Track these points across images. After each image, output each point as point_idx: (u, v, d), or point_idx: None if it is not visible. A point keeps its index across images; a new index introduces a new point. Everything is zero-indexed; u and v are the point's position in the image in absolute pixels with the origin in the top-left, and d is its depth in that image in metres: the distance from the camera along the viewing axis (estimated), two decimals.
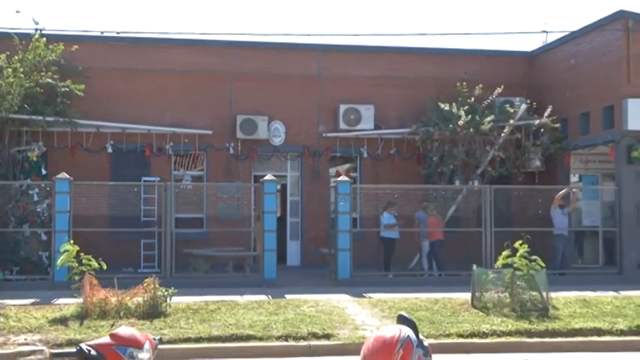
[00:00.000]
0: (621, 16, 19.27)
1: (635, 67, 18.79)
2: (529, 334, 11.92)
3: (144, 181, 19.83)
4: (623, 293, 15.71)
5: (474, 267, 14.68)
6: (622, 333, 12.15)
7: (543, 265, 13.77)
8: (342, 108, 21.56)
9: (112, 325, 10.97)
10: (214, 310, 13.21)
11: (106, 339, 4.38)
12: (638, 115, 18.68)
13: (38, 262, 18.18)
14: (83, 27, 58.94)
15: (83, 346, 4.36)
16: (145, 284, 13.01)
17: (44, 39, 19.22)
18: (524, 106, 20.67)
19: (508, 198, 19.24)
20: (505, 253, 13.87)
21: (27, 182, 18.75)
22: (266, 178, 18.29)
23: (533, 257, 13.62)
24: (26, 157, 19.23)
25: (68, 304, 13.24)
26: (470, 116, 20.17)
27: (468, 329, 11.99)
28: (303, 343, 11.30)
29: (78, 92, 19.37)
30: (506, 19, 63.50)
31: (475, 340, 11.61)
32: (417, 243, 19.53)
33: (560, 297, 14.31)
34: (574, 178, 22.03)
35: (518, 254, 13.55)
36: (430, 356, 3.56)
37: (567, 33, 21.97)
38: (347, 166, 22.44)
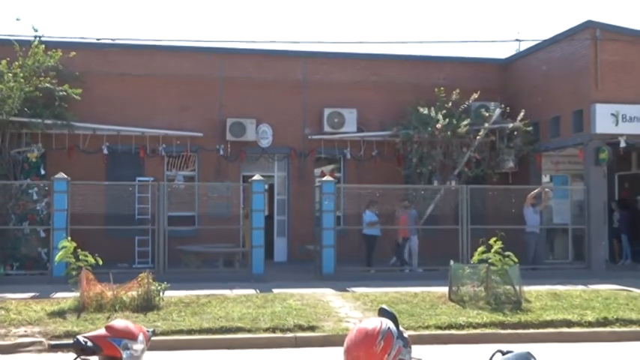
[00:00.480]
0: (589, 25, 19.38)
1: (602, 74, 18.89)
2: (503, 325, 11.99)
3: (138, 181, 19.79)
4: (591, 287, 15.82)
5: (451, 262, 14.70)
6: (590, 324, 12.21)
7: (516, 260, 13.81)
8: (327, 111, 21.59)
9: (108, 318, 10.94)
10: (205, 303, 13.19)
11: (102, 331, 4.38)
12: (606, 120, 18.80)
13: (37, 258, 18.12)
14: (80, 34, 58.68)
15: (80, 337, 4.35)
16: (139, 279, 12.98)
17: (43, 45, 19.17)
18: (498, 111, 20.76)
19: (483, 197, 19.29)
20: (480, 249, 13.91)
21: (27, 182, 18.67)
22: (254, 178, 18.29)
23: (507, 253, 13.66)
24: (26, 158, 19.16)
25: (66, 298, 13.19)
26: (447, 120, 20.22)
27: (446, 321, 12.01)
28: (289, 334, 11.29)
29: (75, 96, 19.34)
30: (482, 28, 63.71)
31: (452, 331, 11.65)
32: (393, 240, 19.54)
33: (532, 290, 14.38)
34: (545, 179, 22.12)
35: (492, 250, 13.60)
36: (410, 347, 3.57)
37: (539, 41, 22.07)
38: (331, 166, 22.45)
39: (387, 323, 3.53)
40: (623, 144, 19.03)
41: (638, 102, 18.86)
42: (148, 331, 4.46)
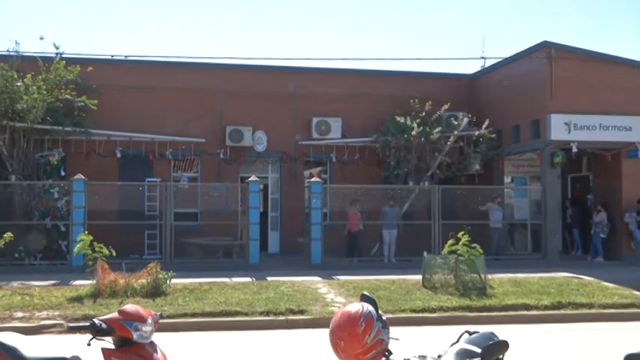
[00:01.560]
0: (545, 45, 19.46)
1: (556, 88, 18.97)
2: (470, 309, 12.02)
3: (147, 181, 19.70)
4: (547, 275, 15.87)
5: (425, 254, 14.74)
6: (546, 308, 12.26)
7: (481, 251, 13.85)
8: (315, 120, 21.59)
9: (121, 303, 10.89)
10: (207, 290, 13.17)
11: (115, 314, 4.37)
12: (560, 128, 18.87)
13: (58, 250, 18.07)
14: (96, 51, 58.49)
15: (96, 320, 4.34)
16: (148, 268, 12.94)
17: (63, 61, 19.09)
18: (466, 120, 20.79)
19: (453, 196, 19.33)
20: (450, 242, 13.93)
21: (49, 182, 18.62)
22: (251, 179, 18.26)
23: (473, 245, 13.69)
24: (48, 161, 19.12)
25: (83, 285, 13.15)
26: (421, 128, 20.24)
27: (420, 305, 12.03)
28: (281, 317, 11.29)
29: (92, 106, 19.27)
30: (452, 47, 63.83)
31: (425, 314, 11.66)
32: (378, 233, 19.55)
33: (496, 278, 14.42)
34: (507, 180, 22.21)
35: (460, 243, 13.62)
36: (388, 328, 3.57)
37: (501, 59, 22.12)
38: (319, 169, 22.43)
39: (368, 307, 3.53)
40: (574, 149, 19.12)
41: (587, 113, 18.94)
42: (156, 315, 4.45)
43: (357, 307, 3.55)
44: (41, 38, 24.85)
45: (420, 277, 14.26)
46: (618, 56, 19.82)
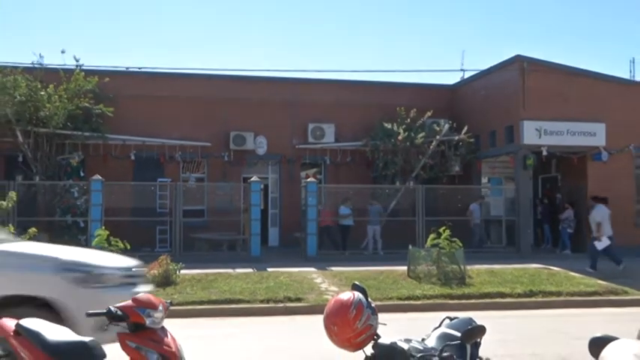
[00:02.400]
0: (518, 59, 19.51)
1: (528, 97, 19.02)
2: (451, 297, 12.05)
3: (159, 181, 19.69)
4: (520, 266, 15.89)
5: (410, 247, 14.77)
6: (519, 295, 12.30)
7: (461, 245, 13.86)
8: (311, 126, 21.60)
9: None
10: (213, 280, 13.16)
11: (129, 302, 4.35)
12: (531, 133, 18.94)
13: (78, 244, 17.93)
14: (113, 63, 58.39)
15: (112, 307, 4.33)
16: (159, 260, 12.94)
17: (83, 73, 19.10)
18: (447, 126, 20.81)
19: (435, 195, 19.36)
20: (432, 236, 13.92)
21: (69, 182, 18.58)
22: (252, 179, 18.27)
23: (454, 239, 13.72)
24: (68, 163, 19.08)
25: None
26: (407, 133, 20.27)
27: (405, 293, 12.06)
28: (280, 305, 11.30)
29: (108, 113, 19.25)
30: (434, 60, 63.99)
31: (410, 302, 11.69)
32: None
33: (474, 269, 14.42)
34: (484, 180, 22.25)
35: (442, 237, 13.62)
36: (376, 314, 3.57)
37: (479, 71, 22.16)
38: (314, 170, 22.44)
39: (359, 295, 3.53)
40: (544, 153, 19.19)
41: (556, 120, 19.00)
42: (166, 303, 4.43)
43: (348, 295, 3.55)
44: (62, 52, 24.78)
45: (405, 268, 14.28)
46: (584, 69, 19.89)
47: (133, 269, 7.36)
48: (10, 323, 4.74)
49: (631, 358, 2.02)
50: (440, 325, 4.24)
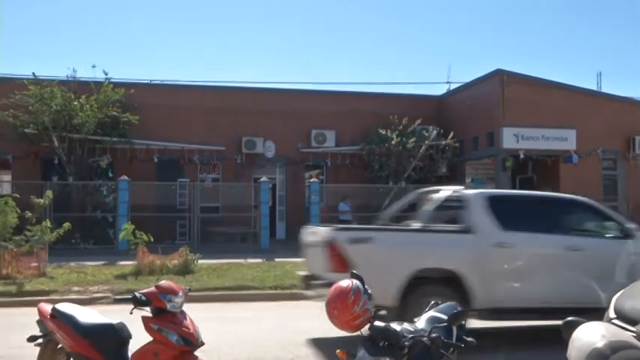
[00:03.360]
0: (498, 72, 19.53)
1: (507, 107, 19.04)
2: None
3: (179, 181, 19.72)
4: None
5: None
6: None
7: None
8: (314, 132, 21.60)
9: (157, 279, 10.82)
10: (227, 268, 13.17)
11: (153, 289, 4.35)
12: (510, 139, 18.95)
13: (107, 237, 18.06)
14: (137, 76, 58.50)
15: (137, 293, 4.33)
16: (179, 251, 12.94)
17: (111, 85, 19.13)
18: (435, 132, 20.82)
19: None
20: None
21: (99, 182, 18.63)
22: (262, 179, 18.31)
23: None
24: (98, 165, 19.12)
25: (127, 265, 13.13)
26: (399, 138, 20.30)
27: None
28: (287, 291, 11.26)
29: (134, 121, 19.28)
30: (423, 73, 64.05)
31: None
32: (361, 223, 19.49)
33: None
34: (468, 180, 22.21)
35: None
36: (372, 300, 3.56)
37: (463, 83, 22.20)
38: (316, 171, 22.43)
39: (357, 283, 3.52)
40: (522, 156, 19.22)
41: (532, 126, 19.03)
42: (185, 289, 4.44)
43: (347, 282, 3.54)
44: (93, 66, 25.02)
45: None
46: (557, 81, 19.94)
47: None
48: (47, 307, 4.75)
49: (598, 338, 2.03)
50: (429, 309, 4.23)
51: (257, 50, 66.12)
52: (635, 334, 4.23)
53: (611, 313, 4.27)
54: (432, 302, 4.38)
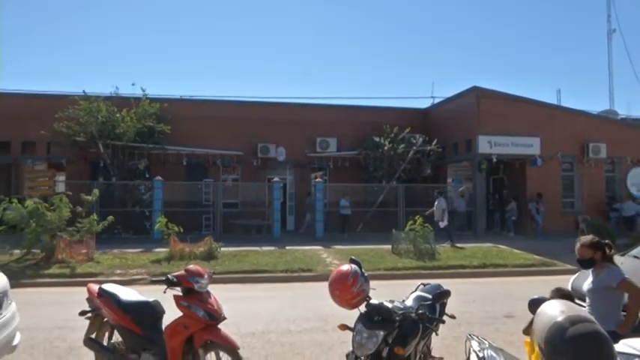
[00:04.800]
0: (475, 89, 19.46)
1: (482, 118, 18.97)
2: (424, 268, 12.01)
3: (204, 181, 19.71)
4: (476, 245, 15.83)
5: (393, 230, 14.76)
6: (475, 267, 12.25)
7: (432, 229, 13.84)
8: (318, 139, 21.56)
9: (186, 264, 10.87)
10: (245, 255, 13.19)
11: (182, 272, 4.38)
12: (485, 145, 18.86)
13: (144, 228, 18.09)
14: (170, 92, 58.89)
15: (169, 275, 4.36)
16: (205, 241, 12.98)
17: (147, 100, 19.13)
18: (421, 139, 20.74)
19: (412, 191, 19.32)
20: (410, 222, 13.94)
21: (138, 182, 18.64)
22: (274, 179, 18.31)
23: (426, 224, 13.69)
24: (137, 168, 19.14)
25: (161, 252, 13.18)
26: (391, 144, 20.25)
27: (390, 266, 12.05)
28: (295, 274, 11.30)
29: (167, 130, 19.30)
30: (411, 89, 63.99)
31: (393, 272, 11.67)
32: (361, 217, 19.50)
33: (441, 248, 14.39)
34: (449, 180, 22.17)
35: (417, 223, 13.62)
36: (368, 281, 3.57)
37: (445, 98, 22.15)
38: (321, 172, 22.39)
39: (355, 267, 3.54)
40: (494, 159, 19.13)
41: (503, 134, 18.94)
42: (210, 272, 4.46)
43: (347, 267, 3.55)
44: (133, 84, 25.35)
45: (390, 246, 14.28)
46: (524, 97, 19.83)
47: None
48: (95, 287, 4.79)
49: (558, 312, 2.04)
50: (416, 290, 4.23)
51: (270, 72, 66.32)
52: (586, 307, 4.24)
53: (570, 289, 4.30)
54: (419, 284, 4.38)
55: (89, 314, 4.77)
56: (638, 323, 4.18)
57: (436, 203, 16.46)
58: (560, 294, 3.61)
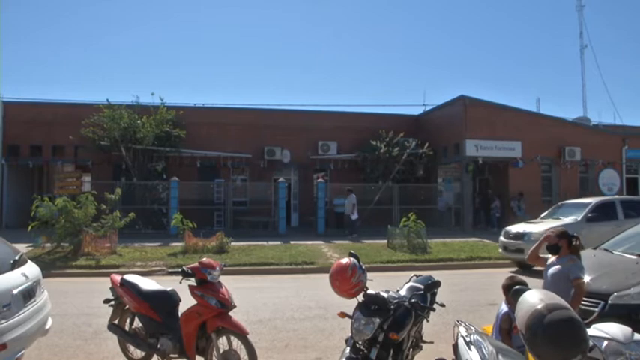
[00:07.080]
0: (462, 97, 19.44)
1: (469, 124, 18.95)
2: (417, 261, 11.99)
3: (215, 181, 19.71)
4: (463, 239, 15.85)
5: (389, 226, 14.74)
6: (463, 259, 12.24)
7: (424, 225, 13.84)
8: (320, 143, 21.55)
9: (200, 257, 10.91)
10: (253, 249, 13.20)
11: (196, 264, 4.39)
12: (472, 148, 18.85)
13: (162, 224, 18.10)
14: (185, 100, 59.07)
15: (184, 267, 4.37)
16: (216, 236, 12.99)
17: (165, 107, 19.15)
18: (414, 143, 20.72)
19: (406, 191, 19.31)
20: (404, 219, 13.93)
21: (156, 182, 18.64)
22: (280, 180, 18.30)
23: (419, 221, 13.69)
24: (155, 169, 19.16)
25: (177, 246, 13.20)
26: (386, 148, 20.23)
27: (385, 259, 12.04)
28: (299, 266, 11.30)
29: (182, 135, 19.30)
30: (405, 97, 63.94)
31: (389, 264, 11.66)
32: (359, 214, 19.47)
33: (432, 242, 14.39)
34: (440, 180, 22.16)
35: (411, 219, 13.61)
36: (366, 273, 3.57)
37: (435, 105, 22.11)
38: (322, 173, 22.35)
39: (354, 260, 3.54)
40: (480, 162, 19.14)
41: (488, 139, 18.93)
42: (221, 264, 4.47)
43: (346, 260, 3.55)
44: (152, 94, 25.21)
45: (385, 241, 14.28)
46: (507, 105, 19.82)
47: None
48: (117, 277, 4.81)
49: (538, 301, 2.07)
50: (409, 281, 4.23)
51: (276, 83, 66.37)
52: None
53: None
54: (412, 275, 4.38)
55: (112, 302, 4.80)
56: (607, 309, 4.71)
57: (347, 199, 17.48)
58: (514, 281, 3.92)
